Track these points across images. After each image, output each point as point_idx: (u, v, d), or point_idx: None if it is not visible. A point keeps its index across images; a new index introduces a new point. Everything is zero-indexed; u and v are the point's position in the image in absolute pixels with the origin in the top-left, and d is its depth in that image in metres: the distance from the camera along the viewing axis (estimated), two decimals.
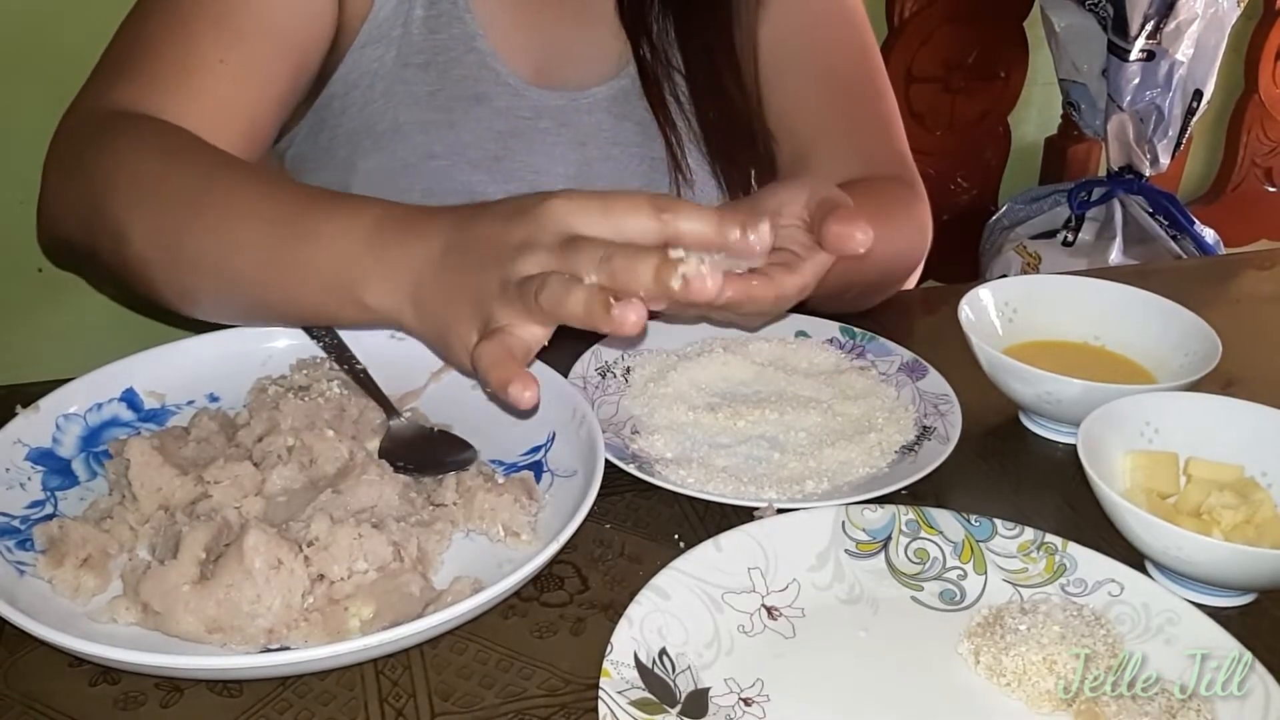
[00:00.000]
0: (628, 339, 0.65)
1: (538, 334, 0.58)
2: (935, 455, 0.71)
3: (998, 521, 0.65)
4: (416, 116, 0.90)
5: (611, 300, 0.53)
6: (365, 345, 0.75)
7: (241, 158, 0.78)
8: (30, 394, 0.69)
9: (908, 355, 0.82)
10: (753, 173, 0.97)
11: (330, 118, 0.92)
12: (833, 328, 0.86)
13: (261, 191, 0.70)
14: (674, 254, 0.54)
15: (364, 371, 0.73)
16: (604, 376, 0.80)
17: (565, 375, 0.75)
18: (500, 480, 0.66)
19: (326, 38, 0.86)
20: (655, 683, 0.54)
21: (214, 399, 0.74)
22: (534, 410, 0.66)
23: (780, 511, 0.66)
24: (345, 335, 0.75)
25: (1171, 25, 1.66)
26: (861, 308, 0.92)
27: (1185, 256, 1.80)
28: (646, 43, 0.93)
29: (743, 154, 0.95)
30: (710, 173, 0.94)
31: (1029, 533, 0.64)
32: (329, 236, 0.66)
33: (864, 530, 0.65)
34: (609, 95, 0.95)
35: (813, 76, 0.96)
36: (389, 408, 0.71)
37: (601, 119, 0.94)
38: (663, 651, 0.56)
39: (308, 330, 0.75)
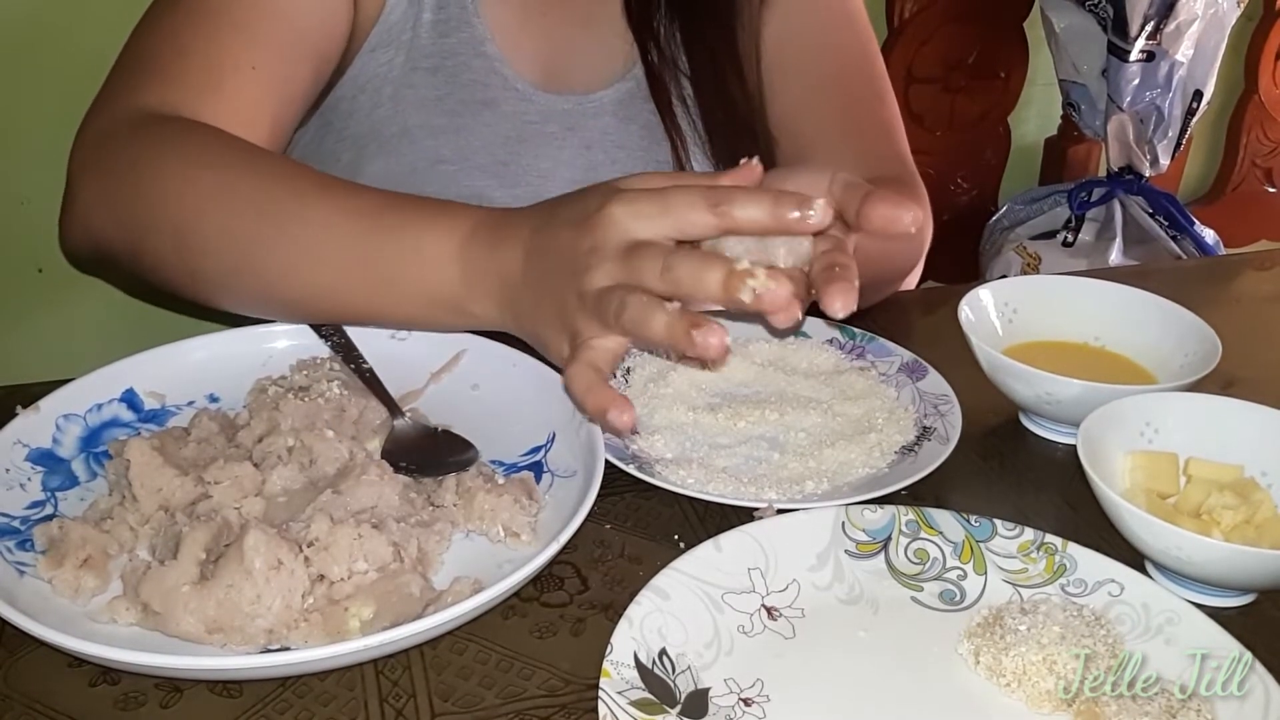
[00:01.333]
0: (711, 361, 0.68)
1: (622, 343, 0.60)
2: (935, 455, 0.71)
3: (998, 522, 0.65)
4: (424, 121, 0.90)
5: (693, 326, 0.55)
6: (365, 346, 0.75)
7: None
8: (30, 394, 0.69)
9: (908, 355, 0.82)
10: None
11: (337, 120, 0.92)
12: (833, 328, 0.86)
13: (340, 201, 0.71)
14: (740, 266, 0.55)
15: (370, 371, 0.73)
16: None
17: None
18: (500, 480, 0.66)
19: (343, 38, 0.86)
20: (655, 683, 0.54)
21: (214, 399, 0.74)
22: (633, 432, 0.70)
23: (780, 512, 0.66)
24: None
25: (1171, 26, 1.66)
26: (859, 308, 0.91)
27: (1185, 257, 1.80)
28: (654, 46, 0.93)
29: (746, 154, 0.95)
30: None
31: (1029, 533, 0.64)
32: (427, 248, 0.67)
33: (864, 530, 0.65)
34: (615, 99, 0.95)
35: (814, 79, 0.97)
36: (393, 407, 0.71)
37: (608, 123, 0.94)
38: (663, 652, 0.56)
39: (315, 328, 0.75)
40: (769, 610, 0.61)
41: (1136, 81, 1.70)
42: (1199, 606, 0.59)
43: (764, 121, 0.96)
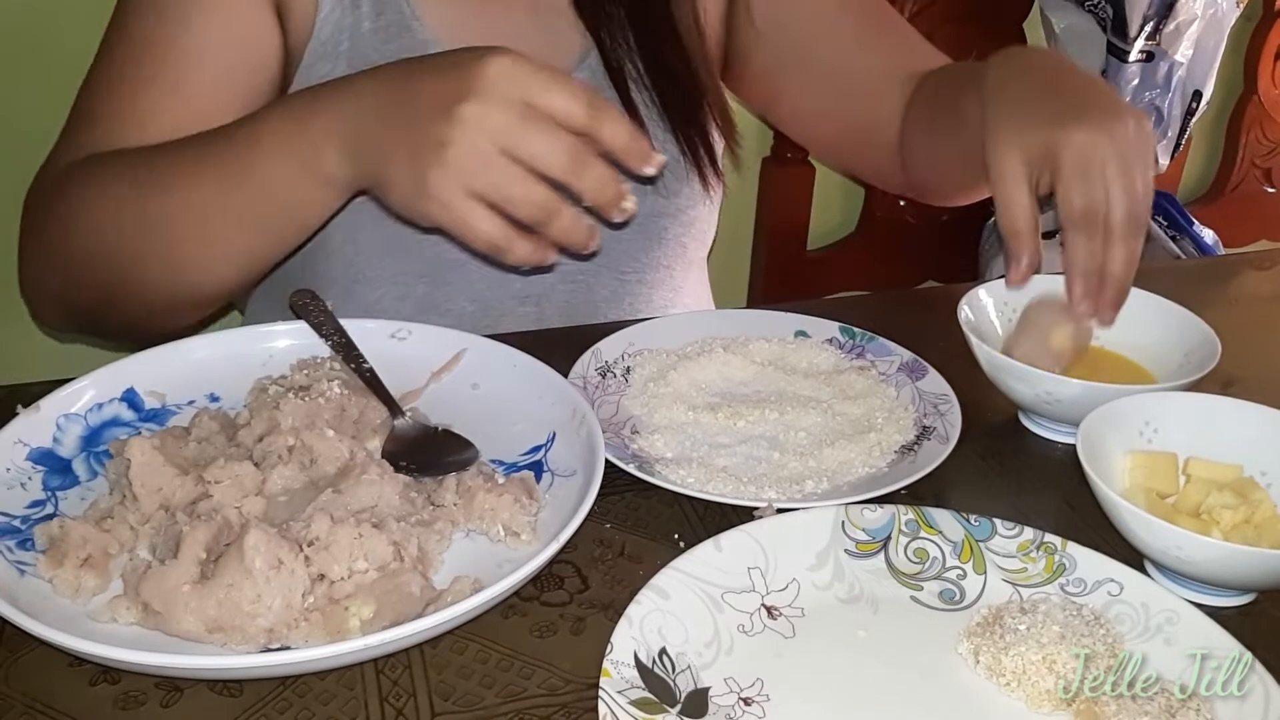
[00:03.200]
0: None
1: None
2: (935, 455, 0.71)
3: (997, 521, 0.65)
4: None
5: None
6: (365, 345, 0.75)
7: None
8: (30, 394, 0.69)
9: (907, 355, 0.83)
10: (720, 144, 0.99)
11: None
12: (833, 328, 0.86)
13: (199, 139, 0.76)
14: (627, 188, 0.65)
15: (370, 370, 0.73)
16: (604, 376, 0.80)
17: (565, 375, 0.75)
18: (500, 480, 0.66)
19: (273, 62, 0.87)
20: (655, 682, 0.54)
21: (214, 399, 0.74)
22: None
23: (780, 511, 0.66)
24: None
25: (1171, 26, 1.66)
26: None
27: (1185, 257, 1.80)
28: (605, 31, 0.93)
29: (703, 125, 0.97)
30: (679, 152, 0.95)
31: (1029, 532, 0.64)
32: (271, 131, 0.70)
33: (864, 530, 0.65)
34: None
35: (816, 4, 1.01)
36: (394, 406, 0.71)
37: None
38: (663, 651, 0.56)
39: (317, 329, 0.75)
40: (769, 609, 0.61)
41: (1136, 82, 1.70)
42: (1199, 606, 0.60)
43: (717, 91, 0.98)
